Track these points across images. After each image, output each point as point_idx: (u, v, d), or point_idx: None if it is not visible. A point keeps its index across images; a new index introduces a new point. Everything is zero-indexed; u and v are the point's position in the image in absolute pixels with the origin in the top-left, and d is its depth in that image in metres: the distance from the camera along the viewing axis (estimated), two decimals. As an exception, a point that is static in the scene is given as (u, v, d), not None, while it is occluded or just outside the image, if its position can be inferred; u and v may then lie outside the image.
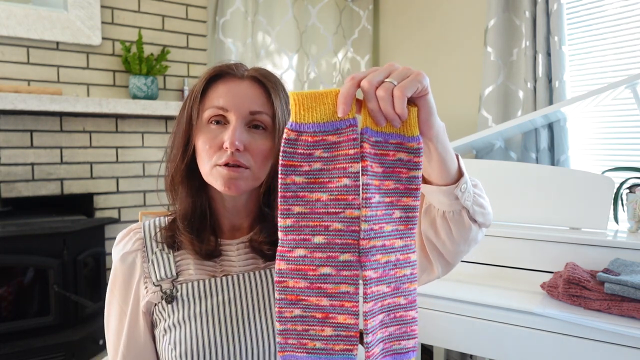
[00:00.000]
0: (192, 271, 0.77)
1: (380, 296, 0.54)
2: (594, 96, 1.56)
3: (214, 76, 0.76)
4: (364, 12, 2.90)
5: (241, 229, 0.82)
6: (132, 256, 0.79)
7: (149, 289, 0.77)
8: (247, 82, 0.76)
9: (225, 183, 0.72)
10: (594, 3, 1.95)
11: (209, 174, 0.74)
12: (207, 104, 0.75)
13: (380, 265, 0.53)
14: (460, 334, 1.28)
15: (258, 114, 0.74)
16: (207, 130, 0.74)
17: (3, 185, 2.11)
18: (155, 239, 0.80)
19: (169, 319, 0.75)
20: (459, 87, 2.47)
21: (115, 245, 0.82)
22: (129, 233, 0.82)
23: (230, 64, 0.78)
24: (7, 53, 2.12)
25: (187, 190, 0.78)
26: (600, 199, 1.39)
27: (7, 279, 2.05)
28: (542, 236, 1.36)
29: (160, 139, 2.49)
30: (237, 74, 0.76)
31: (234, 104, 0.73)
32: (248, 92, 0.74)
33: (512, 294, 1.28)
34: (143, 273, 0.78)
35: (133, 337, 0.78)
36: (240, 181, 0.72)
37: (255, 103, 0.74)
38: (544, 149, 1.95)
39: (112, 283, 0.80)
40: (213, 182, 0.74)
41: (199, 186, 0.78)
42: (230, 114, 0.73)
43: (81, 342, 2.08)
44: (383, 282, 0.54)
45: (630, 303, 1.09)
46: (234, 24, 2.51)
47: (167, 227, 0.81)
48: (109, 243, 2.36)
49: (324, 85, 2.87)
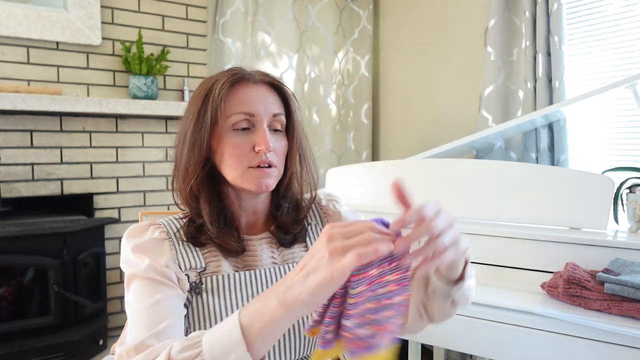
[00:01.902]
0: (217, 265, 0.78)
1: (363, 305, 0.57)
2: (594, 96, 1.55)
3: (234, 82, 0.79)
4: (364, 12, 2.90)
5: (257, 224, 0.86)
6: (159, 242, 0.76)
7: (178, 276, 0.75)
8: (264, 87, 0.81)
9: (259, 183, 0.77)
10: (594, 3, 1.95)
11: (240, 176, 0.78)
12: (231, 109, 0.78)
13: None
14: (460, 334, 1.28)
15: (278, 115, 0.81)
16: (233, 135, 0.78)
17: (3, 185, 2.11)
18: (177, 237, 0.79)
19: (195, 309, 0.75)
20: (459, 87, 2.47)
21: (135, 236, 0.77)
22: (149, 227, 0.79)
23: (243, 69, 0.82)
24: (7, 53, 2.12)
25: (210, 194, 0.80)
26: (600, 199, 1.39)
27: (7, 279, 2.05)
28: (542, 236, 1.36)
29: (160, 139, 2.49)
30: (253, 79, 0.81)
31: (259, 109, 0.78)
32: (268, 96, 0.81)
33: (512, 294, 1.28)
34: (173, 258, 0.76)
35: (165, 299, 0.71)
36: (271, 179, 0.79)
37: (275, 106, 0.81)
38: (544, 149, 1.95)
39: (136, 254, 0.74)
40: (245, 184, 0.78)
41: (220, 190, 0.82)
42: (256, 119, 0.78)
43: (81, 342, 2.08)
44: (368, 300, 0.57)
45: (630, 303, 1.09)
46: (234, 24, 2.51)
47: (187, 226, 0.80)
48: (109, 243, 2.36)
49: (324, 85, 2.87)
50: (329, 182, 1.94)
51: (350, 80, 2.96)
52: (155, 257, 0.75)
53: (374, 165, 1.83)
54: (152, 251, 0.75)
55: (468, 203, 1.55)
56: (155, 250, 0.76)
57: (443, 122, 2.56)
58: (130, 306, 0.72)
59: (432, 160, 1.69)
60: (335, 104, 2.93)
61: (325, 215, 0.92)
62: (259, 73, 0.83)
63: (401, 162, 1.74)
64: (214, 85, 0.78)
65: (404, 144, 2.81)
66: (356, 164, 1.86)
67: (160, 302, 0.70)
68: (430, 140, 2.62)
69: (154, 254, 0.75)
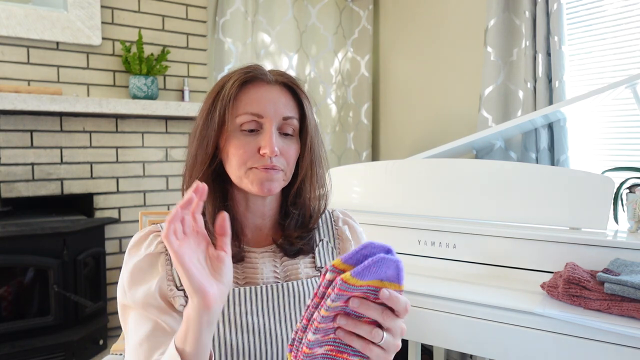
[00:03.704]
0: None
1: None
2: (594, 96, 1.55)
3: (245, 80, 0.77)
4: (364, 12, 2.90)
5: (264, 229, 0.83)
6: (155, 258, 0.76)
7: (173, 291, 0.75)
8: (277, 87, 0.78)
9: (262, 185, 0.75)
10: (594, 3, 1.95)
11: (243, 176, 0.76)
12: (240, 109, 0.76)
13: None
14: (460, 334, 1.28)
15: (290, 119, 0.77)
16: (240, 135, 0.76)
17: (3, 185, 2.11)
18: None
19: None
20: (459, 87, 2.47)
21: (134, 246, 0.78)
22: (148, 235, 0.79)
23: (258, 67, 0.79)
24: (7, 53, 2.12)
25: (214, 194, 0.78)
26: (600, 199, 1.39)
27: (7, 279, 2.05)
28: (542, 236, 1.36)
29: (160, 139, 2.49)
30: (266, 79, 0.78)
31: (269, 111, 0.75)
32: (280, 98, 0.77)
33: (512, 294, 1.28)
34: (167, 275, 0.75)
35: (160, 328, 0.71)
36: (275, 183, 0.76)
37: (287, 109, 0.77)
38: (544, 149, 1.95)
39: (130, 284, 0.75)
40: (248, 184, 0.76)
41: (225, 191, 0.80)
42: (264, 120, 0.75)
43: (81, 342, 2.08)
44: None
45: (630, 303, 1.09)
46: (234, 24, 2.51)
47: None
48: (109, 243, 2.36)
49: (324, 85, 2.87)
50: (329, 182, 1.94)
51: (350, 80, 2.96)
52: (148, 282, 0.74)
53: (374, 165, 1.83)
54: (145, 276, 0.75)
55: (468, 203, 1.55)
56: (150, 272, 0.75)
57: (443, 122, 2.56)
58: (127, 336, 0.74)
59: (432, 160, 1.69)
60: (335, 104, 2.93)
61: (339, 238, 0.89)
62: (275, 73, 0.80)
63: (401, 162, 1.74)
64: (226, 84, 0.77)
65: (404, 144, 2.81)
66: (356, 164, 1.86)
67: (152, 333, 0.70)
68: (430, 140, 2.62)
69: (148, 277, 0.75)
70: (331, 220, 0.90)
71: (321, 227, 0.88)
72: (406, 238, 1.57)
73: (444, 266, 1.51)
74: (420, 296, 1.34)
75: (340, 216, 0.91)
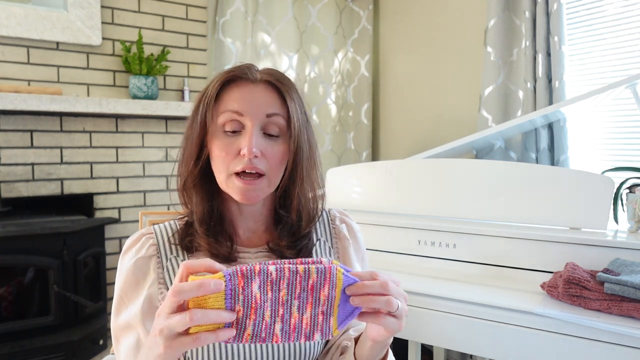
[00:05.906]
0: None
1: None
2: (594, 96, 1.56)
3: (227, 80, 0.75)
4: (364, 12, 2.90)
5: (257, 232, 0.82)
6: (146, 262, 0.76)
7: (163, 294, 0.75)
8: (261, 85, 0.75)
9: (243, 194, 0.73)
10: (594, 3, 1.95)
11: (225, 183, 0.74)
12: (221, 107, 0.74)
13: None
14: (460, 334, 1.28)
15: (274, 115, 0.74)
16: (222, 137, 0.74)
17: (3, 185, 2.11)
18: (170, 243, 0.78)
19: None
20: (459, 87, 2.47)
21: (126, 250, 0.79)
22: (140, 238, 0.79)
23: (243, 67, 0.77)
24: (7, 53, 2.12)
25: (202, 194, 0.77)
26: (600, 199, 1.39)
27: (7, 279, 2.05)
28: (542, 236, 1.36)
29: (160, 139, 2.49)
30: (251, 77, 0.76)
31: (250, 109, 0.73)
32: (263, 96, 0.75)
33: (512, 294, 1.28)
34: (158, 278, 0.76)
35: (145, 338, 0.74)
36: (257, 192, 0.74)
37: (271, 106, 0.74)
38: (544, 149, 1.95)
39: (123, 289, 0.76)
40: (230, 192, 0.74)
41: (214, 190, 0.78)
42: (245, 119, 0.73)
43: (81, 342, 2.08)
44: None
45: (630, 303, 1.09)
46: (234, 24, 2.51)
47: (183, 230, 0.79)
48: (109, 243, 2.36)
49: (324, 85, 2.87)
50: (329, 182, 1.94)
51: (350, 81, 2.96)
52: (136, 299, 0.75)
53: (374, 165, 1.83)
54: (135, 287, 0.75)
55: (468, 203, 1.55)
56: (141, 277, 0.76)
57: (443, 122, 2.56)
58: (116, 352, 0.76)
59: (432, 160, 1.69)
60: (335, 104, 2.93)
61: (336, 237, 0.88)
62: (264, 71, 0.77)
63: (401, 162, 1.74)
64: (210, 84, 0.77)
65: (404, 144, 2.81)
66: (356, 164, 1.86)
67: (137, 345, 0.72)
68: (430, 140, 2.62)
69: (138, 290, 0.75)
70: (328, 219, 0.89)
71: (318, 226, 0.87)
72: (406, 238, 1.57)
73: (443, 266, 1.51)
74: (420, 296, 1.34)
75: (337, 215, 0.90)
